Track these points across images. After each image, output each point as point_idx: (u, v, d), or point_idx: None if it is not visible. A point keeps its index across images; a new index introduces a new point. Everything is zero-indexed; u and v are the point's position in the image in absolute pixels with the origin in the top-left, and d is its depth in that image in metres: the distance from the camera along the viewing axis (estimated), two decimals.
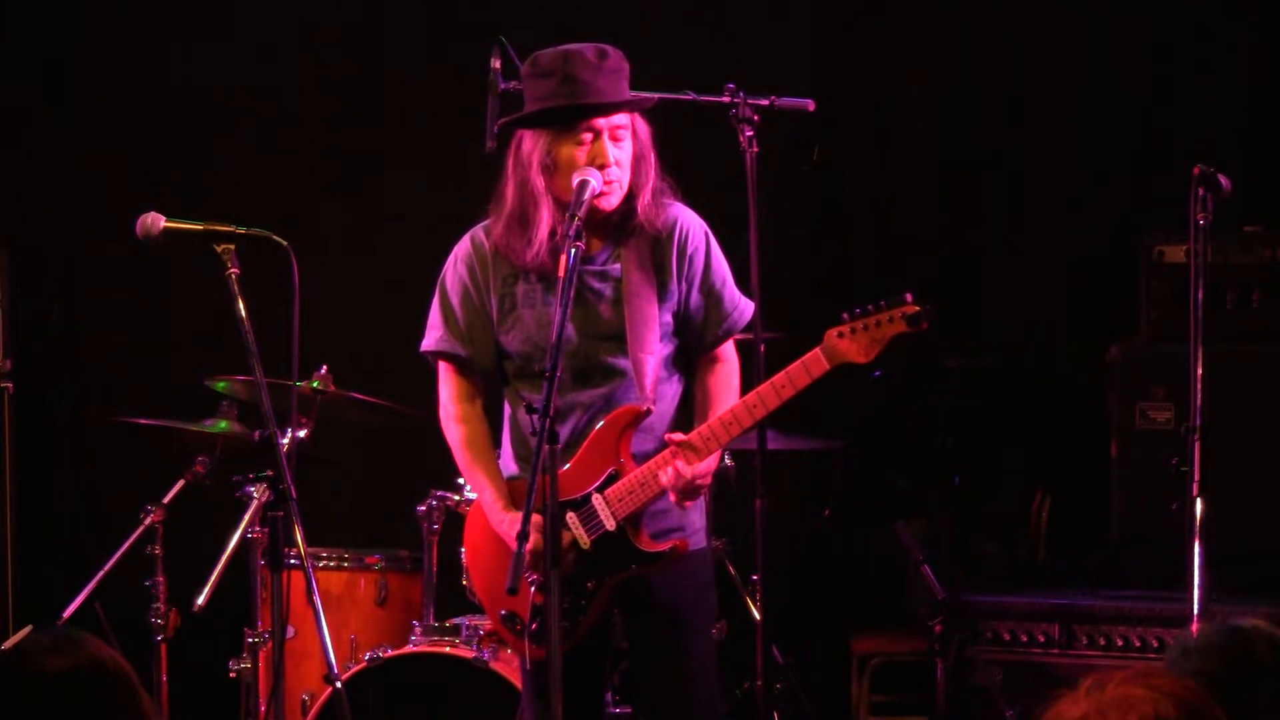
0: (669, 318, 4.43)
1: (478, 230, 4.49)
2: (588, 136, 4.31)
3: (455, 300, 4.48)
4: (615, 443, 4.35)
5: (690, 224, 4.46)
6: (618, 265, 4.40)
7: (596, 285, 4.40)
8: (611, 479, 4.36)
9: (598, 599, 4.39)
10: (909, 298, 4.23)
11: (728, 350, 4.53)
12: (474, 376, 4.54)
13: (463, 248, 4.50)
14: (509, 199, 4.39)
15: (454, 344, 4.50)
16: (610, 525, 4.36)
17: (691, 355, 4.51)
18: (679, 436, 4.30)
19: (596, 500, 4.36)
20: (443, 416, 4.56)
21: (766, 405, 4.27)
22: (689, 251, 4.43)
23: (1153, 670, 2.40)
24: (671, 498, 4.33)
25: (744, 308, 4.51)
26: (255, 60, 6.90)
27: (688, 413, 4.51)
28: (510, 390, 4.51)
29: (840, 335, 4.25)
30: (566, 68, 4.31)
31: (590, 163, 4.28)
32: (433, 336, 4.53)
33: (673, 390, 4.47)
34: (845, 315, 4.25)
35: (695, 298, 4.45)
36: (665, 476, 4.29)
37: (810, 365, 4.25)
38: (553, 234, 4.34)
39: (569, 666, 4.07)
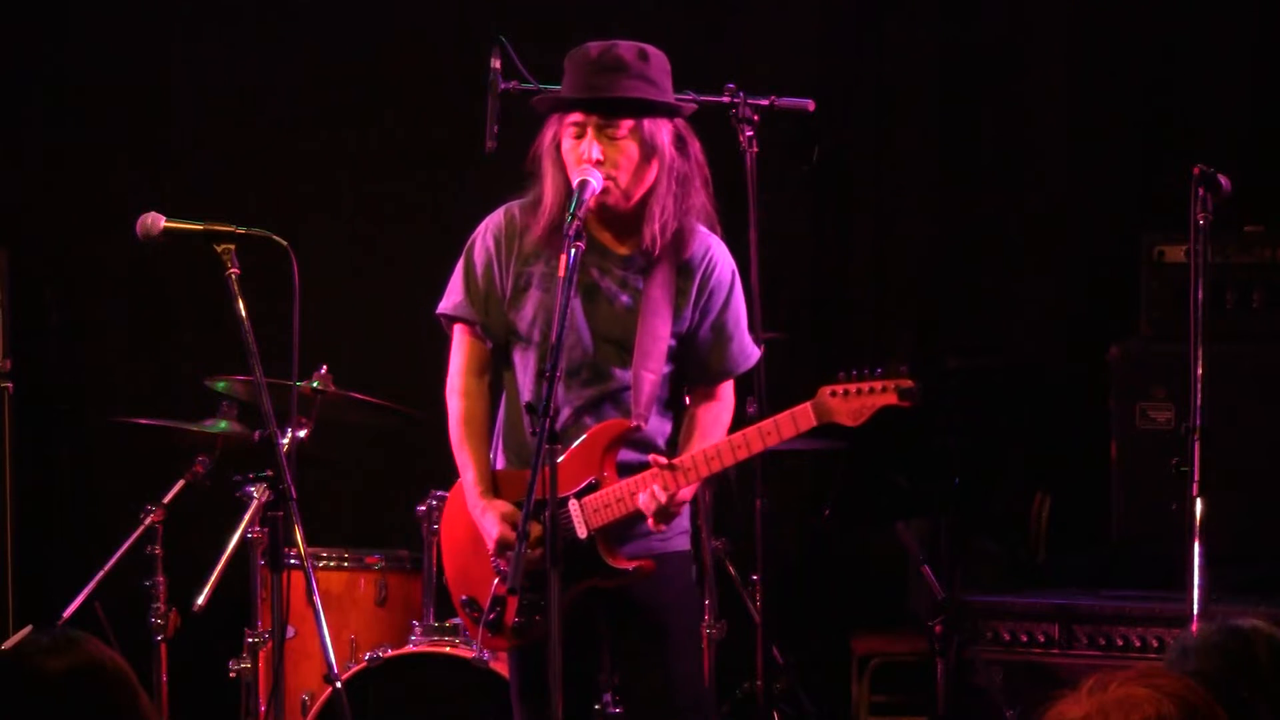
0: (673, 341, 4.42)
1: (513, 205, 4.49)
2: (578, 129, 4.33)
3: (479, 269, 4.48)
4: (601, 454, 4.35)
5: (719, 260, 4.45)
6: (641, 277, 4.39)
7: (615, 289, 4.40)
8: (590, 488, 4.35)
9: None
10: (904, 370, 4.22)
11: (725, 389, 4.52)
12: (486, 347, 4.52)
13: (495, 219, 4.50)
14: (536, 181, 4.42)
15: (471, 310, 4.49)
16: (581, 533, 4.35)
17: (688, 384, 4.51)
18: (663, 460, 4.30)
19: (573, 506, 4.35)
20: (447, 386, 4.55)
21: (750, 448, 4.28)
22: (711, 285, 4.43)
23: (1155, 670, 2.40)
24: (649, 523, 4.32)
25: (751, 354, 4.50)
26: (255, 60, 6.90)
27: (679, 435, 4.50)
28: (509, 375, 4.50)
29: (833, 394, 4.24)
30: (573, 61, 4.35)
31: (579, 156, 4.30)
32: (451, 300, 4.52)
33: (667, 411, 4.47)
34: (841, 374, 4.24)
35: (705, 331, 4.44)
36: (642, 498, 4.29)
37: (798, 418, 4.25)
38: (553, 217, 4.35)
39: (538, 666, 4.06)
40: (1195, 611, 4.46)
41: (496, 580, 4.20)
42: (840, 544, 6.59)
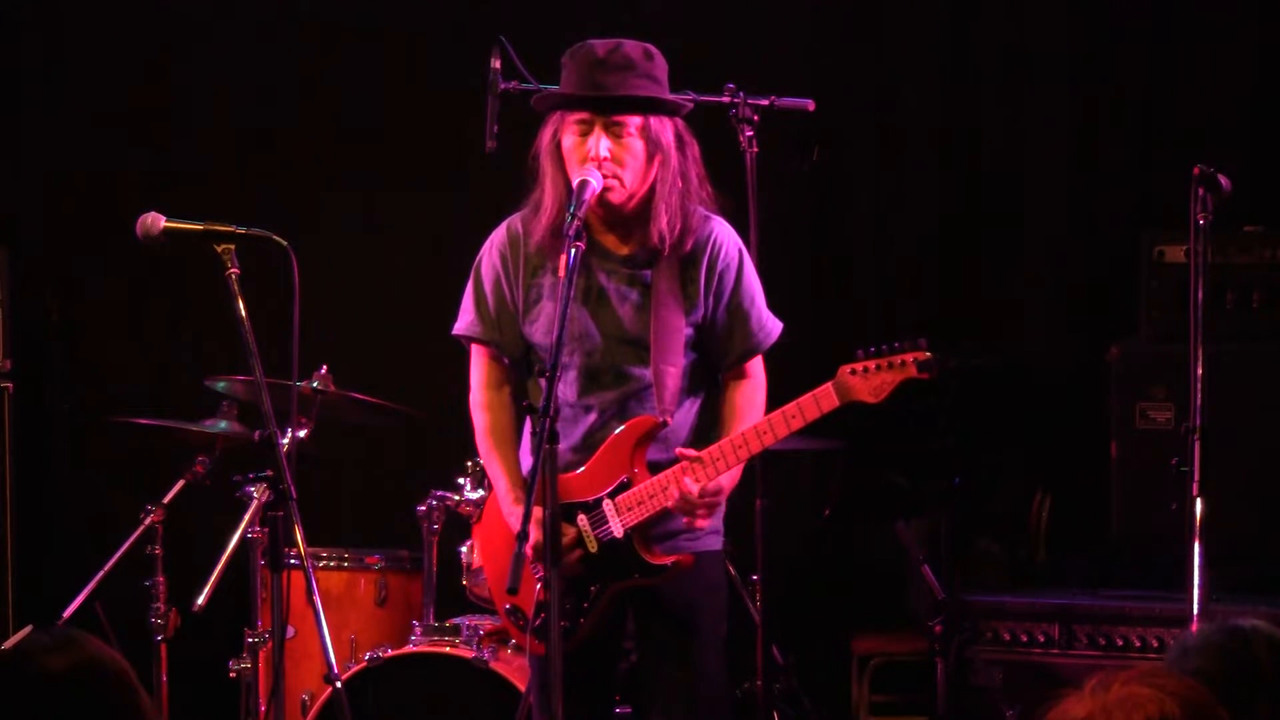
0: (691, 330, 4.42)
1: (515, 219, 4.50)
2: (584, 127, 4.32)
3: (488, 287, 4.49)
4: (630, 451, 4.35)
5: (725, 240, 4.45)
6: (648, 272, 4.39)
7: (624, 288, 4.40)
8: (623, 487, 4.36)
9: (600, 603, 4.39)
10: (923, 343, 4.23)
11: (755, 367, 4.51)
12: (503, 363, 4.54)
13: (498, 235, 4.51)
14: (535, 181, 4.42)
15: (483, 330, 4.51)
16: (618, 532, 4.36)
17: (715, 369, 4.50)
18: (690, 453, 4.30)
19: (607, 506, 4.36)
20: (470, 402, 4.58)
21: (776, 433, 4.30)
22: (719, 267, 4.43)
23: (1157, 670, 2.40)
24: (685, 519, 4.33)
25: (771, 328, 4.50)
26: (255, 60, 6.90)
27: (706, 424, 4.50)
28: (532, 383, 4.51)
29: (853, 373, 4.26)
30: (576, 59, 4.34)
31: (585, 154, 4.30)
32: (464, 321, 4.54)
33: (692, 402, 4.46)
34: (860, 352, 4.26)
35: (721, 314, 4.44)
36: (675, 492, 4.30)
37: (820, 399, 4.27)
38: (554, 218, 4.36)
39: (576, 667, 4.07)
40: (1195, 611, 4.46)
41: (539, 586, 4.20)
42: (840, 544, 6.58)
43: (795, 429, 4.29)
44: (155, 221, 4.30)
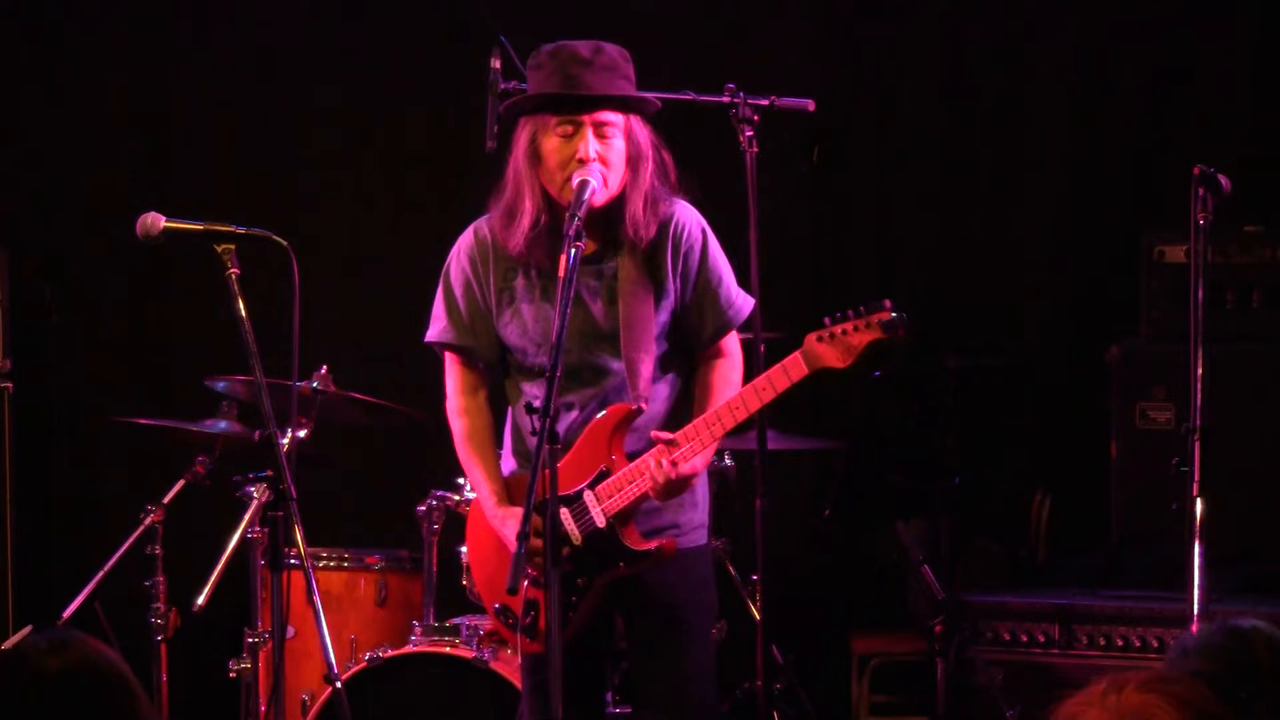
0: (666, 316, 4.42)
1: (481, 223, 4.50)
2: (569, 129, 4.32)
3: (458, 292, 4.50)
4: (607, 440, 4.36)
5: (687, 220, 4.45)
6: (613, 264, 4.40)
7: (592, 284, 4.40)
8: (602, 476, 4.36)
9: (588, 597, 4.39)
10: (887, 304, 4.22)
11: (729, 344, 4.51)
12: (478, 368, 4.55)
13: (466, 239, 4.51)
14: (505, 187, 4.42)
15: (456, 335, 4.51)
16: (600, 522, 4.36)
17: (691, 351, 4.51)
18: (665, 435, 4.31)
19: (588, 497, 4.36)
20: (447, 409, 4.59)
21: (748, 407, 4.29)
22: (684, 249, 4.43)
23: (1169, 676, 2.38)
24: (651, 494, 4.33)
25: (741, 305, 4.50)
26: (256, 59, 6.90)
27: (686, 410, 4.50)
28: (510, 384, 4.52)
29: (819, 339, 4.25)
30: (556, 60, 4.33)
31: (569, 156, 4.29)
32: (436, 328, 4.55)
33: (667, 390, 4.47)
34: (826, 320, 4.25)
35: (691, 295, 4.45)
36: (649, 476, 4.30)
37: (789, 369, 4.26)
38: (535, 223, 4.35)
39: (567, 664, 4.07)
40: (1195, 611, 4.47)
41: (527, 585, 4.21)
42: (840, 544, 6.59)
43: (767, 401, 4.27)
44: (155, 221, 4.30)
